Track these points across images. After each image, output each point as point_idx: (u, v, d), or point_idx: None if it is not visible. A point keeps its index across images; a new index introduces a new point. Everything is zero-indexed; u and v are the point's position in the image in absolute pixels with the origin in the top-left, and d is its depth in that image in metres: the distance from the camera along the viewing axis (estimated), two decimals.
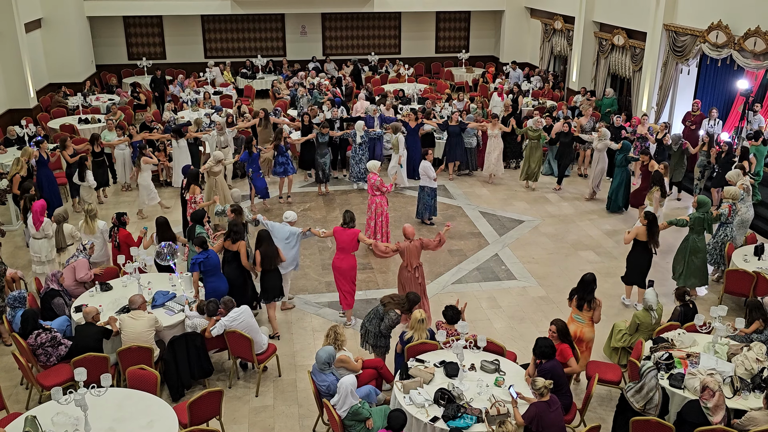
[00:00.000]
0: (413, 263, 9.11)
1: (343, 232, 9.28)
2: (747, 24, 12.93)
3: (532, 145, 14.68)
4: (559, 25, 21.38)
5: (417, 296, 8.13)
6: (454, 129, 15.18)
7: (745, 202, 10.95)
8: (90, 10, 22.07)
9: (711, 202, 11.12)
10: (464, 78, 23.75)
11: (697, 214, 10.04)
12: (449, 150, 15.51)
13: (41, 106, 18.75)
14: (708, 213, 10.03)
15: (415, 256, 9.12)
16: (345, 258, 9.32)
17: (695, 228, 10.05)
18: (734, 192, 10.52)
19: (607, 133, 13.70)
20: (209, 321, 8.09)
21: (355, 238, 9.25)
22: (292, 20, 24.87)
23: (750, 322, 8.03)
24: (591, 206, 14.03)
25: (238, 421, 7.72)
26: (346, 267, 9.31)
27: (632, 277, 9.98)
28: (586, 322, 8.02)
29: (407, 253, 9.09)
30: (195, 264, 8.83)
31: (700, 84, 15.96)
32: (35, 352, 7.71)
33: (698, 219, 10.04)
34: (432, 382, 7.01)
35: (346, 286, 9.37)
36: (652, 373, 6.78)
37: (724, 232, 10.54)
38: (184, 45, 24.44)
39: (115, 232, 9.79)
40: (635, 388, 6.78)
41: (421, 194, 12.82)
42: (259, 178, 13.35)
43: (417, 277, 9.15)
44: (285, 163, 13.74)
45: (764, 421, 6.38)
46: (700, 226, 10.05)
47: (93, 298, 8.75)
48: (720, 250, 10.55)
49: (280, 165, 13.76)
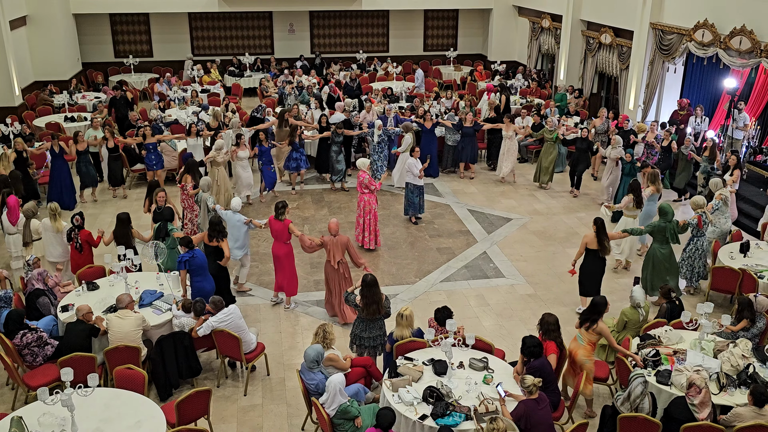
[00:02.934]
0: (336, 258, 9.27)
1: (275, 222, 9.62)
2: (733, 23, 13.03)
3: (547, 146, 14.63)
4: (546, 23, 21.45)
5: (373, 278, 7.94)
6: (468, 130, 15.20)
7: (723, 213, 10.67)
8: (76, 7, 21.89)
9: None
10: (452, 76, 23.77)
11: (657, 223, 9.70)
12: (461, 150, 15.49)
13: (27, 104, 18.58)
14: (672, 222, 9.65)
15: (339, 251, 9.28)
16: (280, 246, 9.68)
17: (656, 237, 9.72)
18: (701, 201, 10.02)
19: (620, 140, 13.37)
20: (197, 320, 8.06)
21: (287, 228, 9.57)
22: (280, 18, 24.79)
23: (739, 319, 8.09)
24: (579, 204, 14.09)
25: (227, 421, 7.70)
26: (282, 254, 9.67)
27: (587, 287, 9.63)
28: (584, 344, 7.51)
29: (330, 247, 9.27)
30: (181, 262, 8.81)
31: (687, 82, 16.07)
32: (21, 352, 7.65)
33: (658, 228, 9.65)
34: (421, 380, 7.02)
35: (287, 273, 9.73)
36: (639, 380, 6.66)
37: (695, 245, 10.06)
38: (172, 43, 24.28)
39: (75, 234, 9.78)
40: (624, 396, 6.77)
41: (406, 191, 12.90)
42: (268, 171, 13.85)
43: (342, 273, 9.36)
44: (298, 159, 14.29)
45: (750, 417, 6.44)
46: (661, 235, 9.66)
47: (80, 297, 8.68)
48: (692, 263, 10.13)
49: (293, 160, 14.31)
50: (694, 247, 10.06)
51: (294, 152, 14.23)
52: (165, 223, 9.91)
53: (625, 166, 13.04)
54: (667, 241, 9.70)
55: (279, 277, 9.89)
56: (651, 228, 9.74)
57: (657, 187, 11.32)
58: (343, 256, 9.34)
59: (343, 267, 9.39)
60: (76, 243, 9.75)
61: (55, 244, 9.95)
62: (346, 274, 9.41)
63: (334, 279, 9.41)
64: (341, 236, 9.30)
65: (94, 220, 12.79)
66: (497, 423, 5.85)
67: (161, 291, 8.80)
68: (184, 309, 8.19)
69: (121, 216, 9.89)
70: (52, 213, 9.92)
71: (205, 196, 11.04)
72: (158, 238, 9.80)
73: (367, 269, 9.06)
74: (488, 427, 5.86)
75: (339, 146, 14.51)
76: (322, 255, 11.32)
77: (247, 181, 13.61)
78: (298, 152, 14.25)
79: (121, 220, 9.85)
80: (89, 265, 9.69)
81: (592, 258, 9.48)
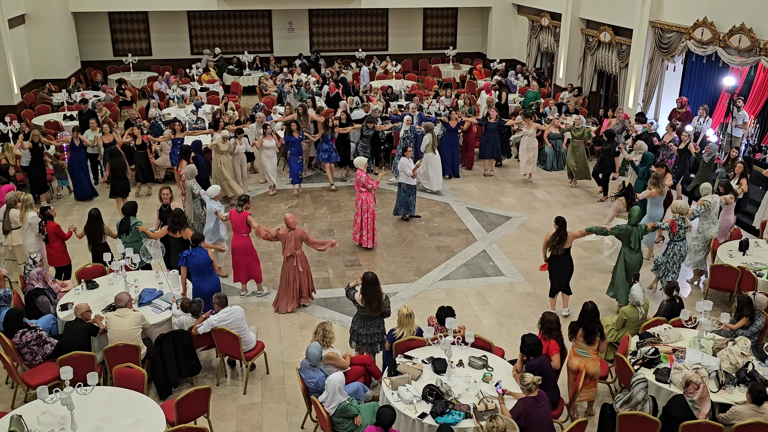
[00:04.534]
0: (289, 251, 9.54)
1: (235, 214, 9.91)
2: (732, 21, 13.02)
3: (574, 144, 14.49)
4: (546, 21, 21.44)
5: (374, 276, 7.94)
6: (492, 126, 15.23)
7: (706, 219, 10.27)
8: (74, 5, 21.86)
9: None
10: (452, 74, 23.77)
11: (622, 225, 9.40)
12: (483, 146, 15.51)
13: (26, 103, 18.57)
14: (639, 226, 9.33)
15: (293, 245, 9.51)
16: (239, 238, 9.93)
17: (622, 239, 9.41)
18: (680, 206, 9.65)
19: (644, 145, 12.96)
20: (198, 318, 8.07)
21: (245, 220, 9.84)
22: (279, 16, 24.77)
23: (738, 317, 8.09)
24: (578, 202, 14.10)
25: (226, 419, 7.70)
26: (239, 246, 9.89)
27: (554, 284, 9.51)
28: (591, 356, 7.32)
29: (284, 240, 9.55)
30: (182, 258, 8.86)
31: (686, 80, 16.05)
32: (20, 351, 7.65)
33: (624, 230, 9.32)
34: (420, 379, 7.03)
35: (250, 264, 9.99)
36: (641, 385, 6.64)
37: (673, 249, 9.67)
38: (171, 41, 24.27)
39: (42, 226, 9.85)
40: (624, 399, 6.76)
41: (398, 191, 12.87)
42: (295, 162, 14.17)
43: (296, 266, 9.61)
44: (329, 150, 14.55)
45: (749, 415, 6.45)
46: (626, 238, 9.34)
47: (79, 296, 8.68)
48: (667, 268, 9.73)
49: (324, 152, 14.60)
50: (671, 251, 9.70)
51: (324, 144, 14.53)
52: (128, 217, 9.86)
53: (640, 168, 12.63)
54: (633, 245, 9.34)
55: (243, 271, 10.02)
56: (617, 230, 9.40)
57: (660, 190, 10.91)
58: (298, 248, 9.58)
59: (298, 260, 9.61)
60: (43, 234, 9.88)
61: (29, 234, 10.06)
62: (300, 267, 9.65)
63: (287, 270, 9.67)
64: (297, 230, 9.56)
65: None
66: (497, 421, 5.85)
67: (161, 289, 8.80)
68: (182, 308, 8.19)
69: (92, 212, 9.92)
70: (24, 203, 10.10)
71: (189, 183, 11.27)
72: (121, 233, 9.82)
73: (335, 245, 9.84)
74: (488, 425, 5.87)
75: (367, 141, 14.80)
76: (321, 255, 11.38)
77: (272, 172, 14.07)
78: (328, 143, 14.52)
79: (91, 216, 9.88)
80: (87, 264, 9.71)
81: (553, 257, 9.34)
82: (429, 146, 13.98)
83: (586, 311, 7.31)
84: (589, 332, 7.26)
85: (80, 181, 13.84)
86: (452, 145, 15.25)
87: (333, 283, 10.73)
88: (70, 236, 9.97)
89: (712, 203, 10.29)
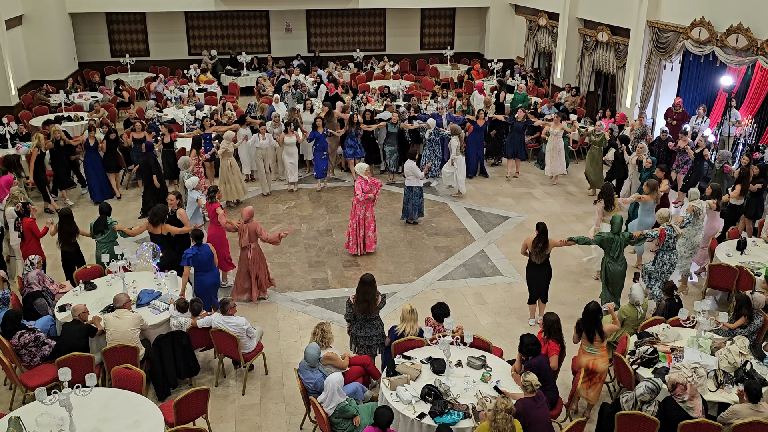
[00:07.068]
0: (243, 242, 9.90)
1: (208, 206, 10.44)
2: (729, 21, 13.04)
3: (594, 151, 14.04)
4: (543, 21, 21.45)
5: (371, 276, 7.91)
6: (519, 125, 15.19)
7: (694, 225, 10.08)
8: (72, 6, 21.81)
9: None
10: (449, 75, 23.77)
11: (605, 233, 9.16)
12: (508, 145, 15.43)
13: (23, 104, 18.53)
14: (621, 234, 9.05)
15: (247, 237, 9.84)
16: (214, 228, 10.27)
17: (605, 249, 9.13)
18: (666, 214, 9.47)
19: (647, 148, 12.84)
20: (200, 315, 8.09)
21: (215, 212, 10.21)
22: (276, 17, 24.75)
23: (737, 317, 8.10)
24: (576, 201, 14.11)
25: (225, 420, 7.70)
26: (212, 234, 10.18)
27: (532, 292, 9.37)
28: (599, 353, 7.32)
29: (240, 232, 9.90)
30: (185, 258, 8.89)
31: (683, 80, 16.07)
32: (19, 353, 7.64)
33: (605, 239, 9.07)
34: (419, 379, 7.03)
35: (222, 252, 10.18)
36: (650, 386, 6.68)
37: (662, 259, 9.33)
38: (168, 42, 24.23)
39: (19, 222, 9.86)
40: (628, 396, 6.81)
41: (409, 194, 12.66)
42: (321, 159, 14.39)
43: (251, 256, 9.96)
44: (354, 146, 14.77)
45: (747, 414, 6.46)
46: (607, 247, 9.09)
47: (77, 297, 8.67)
48: (657, 278, 9.38)
49: (349, 147, 14.81)
50: (661, 261, 9.32)
51: (349, 139, 14.69)
52: (104, 216, 9.80)
53: (644, 174, 12.29)
54: (614, 255, 9.08)
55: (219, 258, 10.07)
56: (599, 239, 9.14)
57: (654, 196, 10.77)
58: (253, 241, 9.88)
59: (251, 253, 9.91)
60: (19, 230, 9.93)
61: (12, 229, 10.14)
62: (255, 258, 9.96)
63: (243, 260, 10.01)
64: (252, 223, 9.82)
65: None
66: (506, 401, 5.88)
67: (159, 290, 8.79)
68: (178, 308, 8.17)
69: (64, 212, 9.81)
70: (11, 198, 10.23)
71: (183, 175, 11.49)
72: (97, 233, 9.77)
73: (290, 229, 10.39)
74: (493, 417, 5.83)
75: (394, 139, 14.91)
76: (320, 254, 11.39)
77: (291, 168, 14.21)
78: (353, 140, 14.70)
79: (62, 216, 9.78)
80: (87, 265, 9.71)
81: (532, 264, 9.19)
82: (458, 149, 13.84)
83: (588, 310, 7.34)
84: (591, 332, 7.31)
85: (94, 182, 13.75)
86: (480, 145, 15.17)
87: (331, 283, 10.73)
88: (45, 233, 9.97)
89: (701, 208, 10.14)
